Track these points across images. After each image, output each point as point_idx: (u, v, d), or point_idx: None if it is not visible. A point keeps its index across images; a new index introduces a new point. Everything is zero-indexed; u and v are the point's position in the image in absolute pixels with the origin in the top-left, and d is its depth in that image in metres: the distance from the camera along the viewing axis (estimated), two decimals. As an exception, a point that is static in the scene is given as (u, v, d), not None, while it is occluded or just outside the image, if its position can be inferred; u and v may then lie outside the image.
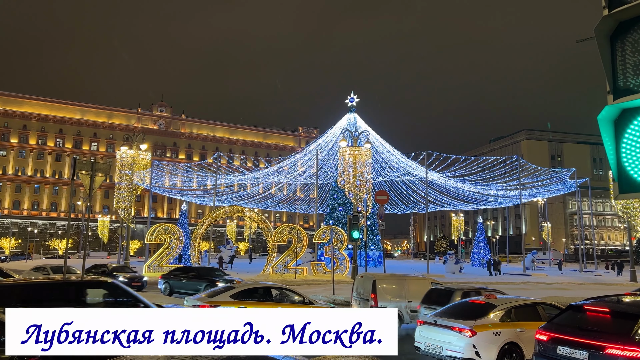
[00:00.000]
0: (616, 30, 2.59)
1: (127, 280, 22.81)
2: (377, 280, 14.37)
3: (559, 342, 7.36)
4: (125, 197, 35.75)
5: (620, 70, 2.58)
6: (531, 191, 62.26)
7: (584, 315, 7.60)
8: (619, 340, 6.64)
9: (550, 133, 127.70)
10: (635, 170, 2.52)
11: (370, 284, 14.23)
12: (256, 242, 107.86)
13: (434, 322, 9.59)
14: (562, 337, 7.36)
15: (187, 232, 46.45)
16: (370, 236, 48.86)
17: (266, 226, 35.55)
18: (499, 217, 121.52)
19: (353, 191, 37.19)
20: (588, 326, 7.28)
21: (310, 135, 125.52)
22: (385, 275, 17.40)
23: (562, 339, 7.35)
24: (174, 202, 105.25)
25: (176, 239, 32.23)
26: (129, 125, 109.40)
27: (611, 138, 2.61)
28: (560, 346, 7.30)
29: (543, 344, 7.65)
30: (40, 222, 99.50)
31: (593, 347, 6.86)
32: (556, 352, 7.34)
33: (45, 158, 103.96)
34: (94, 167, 15.27)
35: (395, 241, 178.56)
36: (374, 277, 14.75)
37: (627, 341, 6.56)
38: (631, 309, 7.31)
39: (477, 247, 59.66)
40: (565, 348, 7.22)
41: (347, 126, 54.65)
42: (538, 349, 7.78)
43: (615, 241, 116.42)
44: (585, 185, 61.72)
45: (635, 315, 7.00)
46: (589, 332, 7.11)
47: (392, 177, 60.37)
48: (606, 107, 2.57)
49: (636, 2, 2.45)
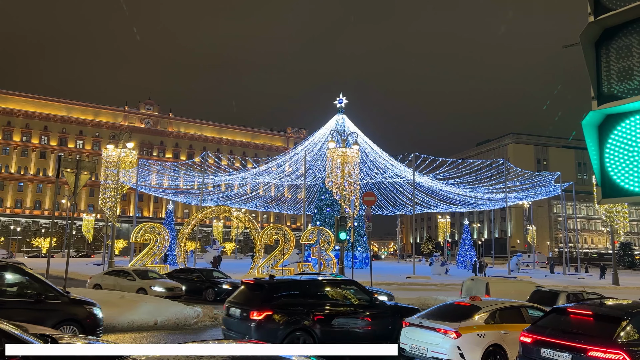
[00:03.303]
0: (601, 37, 2.62)
1: (232, 289, 21.61)
2: (490, 283, 15.71)
3: (542, 344, 7.42)
4: (111, 196, 35.34)
5: (605, 76, 2.61)
6: (517, 194, 62.87)
7: (568, 318, 7.67)
8: (601, 342, 6.72)
9: (536, 137, 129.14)
10: (618, 175, 2.55)
11: (483, 286, 15.47)
12: (243, 243, 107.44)
13: (419, 323, 9.60)
14: (545, 340, 7.41)
15: (173, 232, 46.11)
16: (358, 237, 48.96)
17: (253, 226, 35.41)
18: (484, 219, 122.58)
19: (341, 192, 37.15)
20: (571, 329, 7.35)
21: (299, 135, 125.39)
22: (494, 278, 18.87)
23: (545, 341, 7.40)
24: (160, 202, 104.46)
25: (162, 238, 31.92)
26: (116, 123, 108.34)
27: (595, 143, 2.64)
28: (544, 348, 7.35)
29: (527, 346, 7.71)
30: (23, 220, 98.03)
31: (576, 349, 6.93)
32: (540, 354, 7.40)
33: (30, 155, 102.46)
34: (79, 165, 15.11)
35: (382, 243, 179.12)
36: (486, 280, 16.35)
37: (610, 344, 6.64)
38: (613, 312, 7.41)
39: (463, 249, 60.10)
40: (549, 350, 7.27)
41: (336, 127, 54.67)
42: (522, 350, 7.83)
43: (598, 245, 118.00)
44: (570, 189, 62.44)
45: (617, 318, 7.10)
46: (572, 335, 7.17)
47: (380, 179, 60.58)
48: (590, 113, 2.60)
49: (621, 10, 2.48)
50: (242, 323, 10.01)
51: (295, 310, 10.09)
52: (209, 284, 22.06)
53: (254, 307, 9.89)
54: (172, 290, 20.15)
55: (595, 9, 2.59)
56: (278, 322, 9.83)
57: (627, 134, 2.53)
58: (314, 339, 9.94)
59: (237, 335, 10.02)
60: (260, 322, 9.73)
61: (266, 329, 9.71)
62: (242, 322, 10.02)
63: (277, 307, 9.99)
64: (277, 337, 9.67)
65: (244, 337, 9.68)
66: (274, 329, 9.75)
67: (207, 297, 21.73)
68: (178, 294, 20.37)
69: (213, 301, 21.00)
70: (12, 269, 10.69)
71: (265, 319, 9.77)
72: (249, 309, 9.93)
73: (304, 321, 10.02)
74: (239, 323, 10.16)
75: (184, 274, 23.97)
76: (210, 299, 21.44)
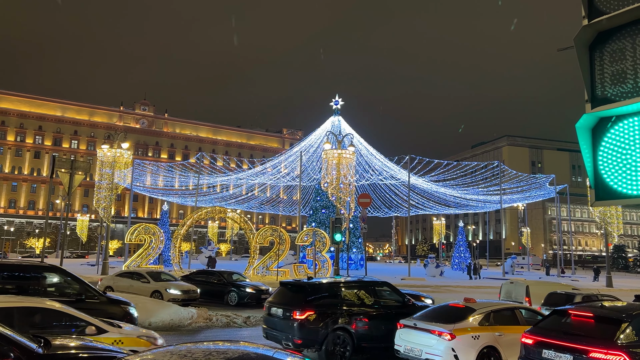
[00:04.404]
0: (595, 40, 2.63)
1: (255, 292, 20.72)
2: (530, 286, 16.12)
3: (544, 345, 7.49)
4: (106, 196, 35.19)
5: (599, 79, 2.62)
6: (511, 196, 63.06)
7: (569, 320, 7.76)
8: (602, 344, 6.81)
9: (531, 140, 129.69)
10: (611, 177, 2.56)
11: (523, 289, 15.96)
12: (238, 244, 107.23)
13: (414, 325, 9.61)
14: (547, 341, 7.49)
15: (168, 233, 46.00)
16: (353, 239, 48.96)
17: (248, 227, 35.35)
18: (479, 221, 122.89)
19: (336, 194, 37.19)
20: (572, 330, 7.44)
21: (295, 137, 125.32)
22: (534, 281, 19.28)
23: (547, 342, 7.48)
24: (155, 202, 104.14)
25: (157, 239, 31.82)
26: (111, 124, 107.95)
27: (589, 146, 2.65)
28: (546, 349, 7.43)
29: (528, 348, 7.78)
30: (17, 220, 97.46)
31: (577, 350, 7.01)
32: (541, 355, 7.47)
33: (24, 155, 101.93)
34: (73, 165, 15.05)
35: (377, 244, 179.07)
36: (526, 283, 16.76)
37: (610, 345, 6.73)
38: (614, 314, 7.50)
39: (458, 251, 60.24)
40: (550, 351, 7.35)
41: (332, 129, 54.73)
42: (524, 352, 7.90)
43: (592, 247, 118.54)
44: (564, 192, 62.71)
45: (617, 320, 7.19)
46: (573, 336, 7.25)
47: (375, 181, 60.62)
48: (584, 116, 2.61)
49: (615, 13, 2.49)
50: (285, 322, 10.50)
51: (335, 311, 10.59)
52: (232, 287, 20.92)
53: (297, 307, 10.39)
54: (187, 293, 19.36)
55: (589, 12, 2.61)
56: (319, 321, 10.34)
57: (620, 136, 2.54)
58: (352, 338, 10.42)
59: (280, 334, 10.60)
60: (303, 322, 10.23)
61: (308, 328, 10.23)
62: (285, 322, 10.51)
63: (317, 307, 10.47)
64: (318, 336, 10.24)
65: (287, 336, 10.35)
66: (315, 328, 10.27)
67: (229, 300, 20.60)
68: (193, 296, 19.57)
69: (236, 305, 20.03)
70: (54, 270, 11.33)
71: (307, 319, 10.27)
72: (291, 308, 10.42)
73: (342, 321, 10.50)
74: (281, 322, 10.65)
75: (203, 276, 22.96)
76: (233, 303, 20.39)
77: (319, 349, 10.34)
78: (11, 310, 7.11)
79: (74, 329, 7.32)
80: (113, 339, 7.21)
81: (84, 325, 7.33)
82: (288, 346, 10.63)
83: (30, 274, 10.93)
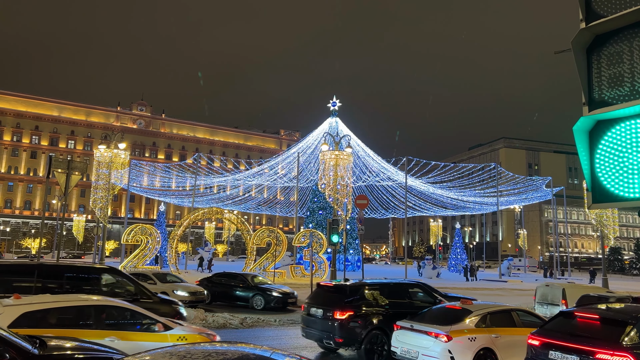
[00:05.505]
0: (592, 43, 2.64)
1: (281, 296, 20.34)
2: (566, 289, 16.51)
3: (550, 347, 7.56)
4: (102, 197, 35.08)
5: (596, 82, 2.63)
6: (508, 198, 63.24)
7: (575, 321, 7.82)
8: (608, 345, 6.88)
9: (528, 142, 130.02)
10: (608, 180, 2.57)
11: (560, 292, 16.44)
12: (235, 245, 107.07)
13: (411, 327, 9.61)
14: (553, 342, 7.56)
15: (164, 233, 45.86)
16: (350, 240, 48.96)
17: (245, 228, 35.31)
18: (476, 223, 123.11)
19: (333, 195, 37.14)
20: (578, 332, 7.50)
21: (292, 138, 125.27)
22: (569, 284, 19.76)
23: (553, 344, 7.54)
24: (151, 203, 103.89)
25: (153, 240, 31.75)
26: (108, 124, 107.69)
27: (586, 149, 2.65)
28: (552, 351, 7.50)
29: (535, 349, 7.83)
30: (13, 221, 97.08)
31: (583, 352, 7.08)
32: (548, 356, 7.54)
33: (20, 155, 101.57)
34: (70, 165, 15.01)
35: (374, 246, 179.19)
36: (562, 286, 17.17)
37: (616, 347, 6.81)
38: (619, 316, 7.59)
39: (455, 252, 60.26)
40: (557, 353, 7.42)
41: (329, 130, 54.70)
42: (530, 353, 7.96)
43: (588, 249, 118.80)
44: (561, 194, 62.88)
45: (623, 322, 7.28)
46: (579, 338, 7.32)
47: (373, 182, 60.65)
48: (581, 118, 2.62)
49: (612, 17, 2.50)
50: (325, 322, 10.93)
51: (372, 311, 11.01)
52: (257, 291, 20.34)
53: (337, 307, 10.81)
54: (195, 295, 19.15)
55: (587, 15, 2.62)
56: (358, 321, 10.75)
57: (618, 139, 2.55)
58: (388, 338, 10.57)
59: (320, 334, 11.09)
60: (343, 322, 10.64)
61: (348, 327, 10.64)
62: (325, 322, 10.93)
63: (356, 308, 10.87)
64: (357, 336, 10.65)
65: (328, 335, 10.83)
66: (354, 328, 10.68)
67: (254, 305, 19.98)
68: (201, 298, 19.44)
69: (262, 309, 19.53)
70: (111, 272, 11.94)
71: (347, 319, 10.68)
72: (332, 309, 10.83)
73: (378, 321, 10.87)
74: (321, 322, 11.08)
75: (224, 279, 22.09)
76: (259, 307, 19.81)
77: (359, 347, 10.71)
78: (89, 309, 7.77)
79: (143, 326, 7.89)
80: (178, 335, 7.73)
81: (153, 322, 7.90)
82: (329, 344, 11.14)
83: (91, 275, 11.63)
